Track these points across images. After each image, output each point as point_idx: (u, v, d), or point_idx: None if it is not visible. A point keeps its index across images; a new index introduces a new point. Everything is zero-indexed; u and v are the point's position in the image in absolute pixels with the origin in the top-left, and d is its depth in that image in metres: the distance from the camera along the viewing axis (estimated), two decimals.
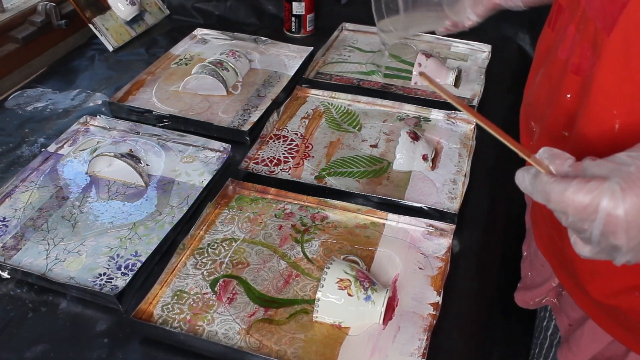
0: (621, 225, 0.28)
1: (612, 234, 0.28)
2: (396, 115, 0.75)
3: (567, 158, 0.31)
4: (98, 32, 0.89)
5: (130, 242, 0.56)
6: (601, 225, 0.28)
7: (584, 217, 0.29)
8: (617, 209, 0.28)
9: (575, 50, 0.38)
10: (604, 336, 0.43)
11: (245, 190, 0.63)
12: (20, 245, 0.56)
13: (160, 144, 0.70)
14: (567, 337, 0.48)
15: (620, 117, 0.34)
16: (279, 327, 0.48)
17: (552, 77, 0.42)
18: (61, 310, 0.50)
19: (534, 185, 0.31)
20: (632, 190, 0.27)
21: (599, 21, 0.35)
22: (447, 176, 0.65)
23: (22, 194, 0.62)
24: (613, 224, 0.28)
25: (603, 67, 0.34)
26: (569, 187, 0.29)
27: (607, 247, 0.29)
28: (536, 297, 0.53)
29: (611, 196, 0.28)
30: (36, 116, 0.76)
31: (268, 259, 0.55)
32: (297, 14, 0.93)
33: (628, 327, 0.41)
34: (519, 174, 0.32)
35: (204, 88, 0.78)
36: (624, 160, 0.29)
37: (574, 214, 0.29)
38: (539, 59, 0.47)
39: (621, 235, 0.28)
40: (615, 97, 0.34)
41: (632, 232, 0.28)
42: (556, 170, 0.31)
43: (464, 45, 0.91)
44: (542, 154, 0.31)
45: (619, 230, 0.28)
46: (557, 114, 0.41)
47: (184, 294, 0.51)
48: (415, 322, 0.49)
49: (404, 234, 0.58)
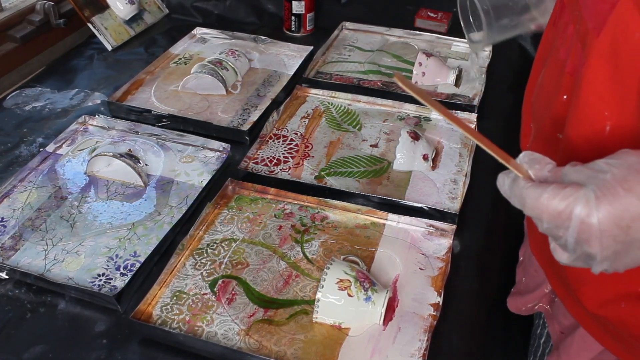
0: (594, 233, 0.28)
1: (585, 242, 0.28)
2: (396, 115, 0.75)
3: (547, 163, 0.30)
4: (97, 31, 0.89)
5: (129, 242, 0.56)
6: (575, 233, 0.28)
7: (559, 223, 0.29)
8: (591, 217, 0.27)
9: (571, 50, 0.38)
10: (595, 345, 0.43)
11: (245, 190, 0.63)
12: (19, 246, 0.55)
13: (159, 143, 0.70)
14: (558, 345, 0.48)
15: (611, 119, 0.34)
16: (278, 328, 0.48)
17: (552, 77, 0.42)
18: (60, 311, 0.50)
19: (512, 189, 0.31)
20: (607, 198, 0.27)
21: (590, 21, 0.34)
22: (447, 176, 0.65)
23: (20, 194, 0.62)
24: (586, 232, 0.28)
25: (592, 68, 0.34)
26: (544, 193, 0.29)
27: (583, 254, 0.29)
28: (528, 303, 0.53)
29: (585, 204, 0.27)
30: (35, 116, 0.75)
31: (268, 260, 0.55)
32: (297, 13, 0.93)
33: (617, 337, 0.40)
34: (500, 177, 0.32)
35: (203, 87, 0.78)
36: (601, 168, 0.28)
37: (549, 220, 0.29)
38: (542, 54, 0.46)
39: (595, 243, 0.28)
40: (605, 98, 0.34)
41: (606, 241, 0.28)
42: (535, 176, 0.30)
43: (465, 45, 0.90)
44: (522, 158, 0.31)
45: (592, 239, 0.28)
46: (554, 116, 0.40)
47: (183, 294, 0.51)
48: (415, 322, 0.49)
49: (404, 234, 0.57)
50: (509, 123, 0.74)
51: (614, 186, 0.27)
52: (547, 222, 0.29)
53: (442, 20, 0.95)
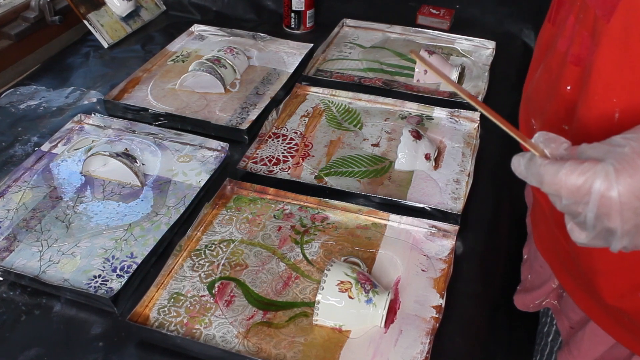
0: (615, 207, 0.27)
1: (606, 216, 0.28)
2: (398, 114, 0.74)
3: (563, 142, 0.31)
4: (93, 29, 0.88)
5: (126, 243, 0.55)
6: (595, 207, 0.28)
7: (578, 199, 0.28)
8: (611, 190, 0.27)
9: (574, 40, 0.38)
10: (606, 339, 0.43)
11: (244, 191, 0.62)
12: (13, 247, 0.55)
13: (156, 142, 0.69)
14: (568, 340, 0.48)
15: (620, 106, 0.34)
16: (277, 331, 0.48)
17: (551, 70, 0.42)
18: (55, 313, 0.50)
19: (528, 168, 0.31)
20: (626, 171, 0.27)
21: (598, 8, 0.35)
22: (450, 176, 0.64)
23: (14, 194, 0.61)
24: (607, 206, 0.28)
25: (602, 54, 0.34)
26: (562, 169, 0.29)
27: (603, 231, 0.29)
28: (536, 300, 0.53)
29: (605, 177, 0.27)
30: (29, 114, 0.74)
31: (267, 261, 0.54)
32: (296, 9, 0.92)
33: (632, 330, 0.40)
34: (515, 159, 0.32)
35: (201, 86, 0.77)
36: (618, 142, 0.28)
37: (568, 196, 0.29)
38: (538, 54, 0.46)
39: (615, 217, 0.28)
40: (614, 85, 0.34)
41: (627, 214, 0.28)
42: (551, 154, 0.31)
43: (467, 42, 0.89)
44: (538, 137, 0.31)
45: (612, 213, 0.28)
46: (557, 108, 0.40)
47: (180, 296, 0.50)
48: (417, 325, 0.48)
49: (406, 235, 0.56)
50: (513, 121, 0.72)
51: (633, 159, 0.27)
52: (565, 198, 0.29)
53: (445, 17, 0.94)
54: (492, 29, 0.92)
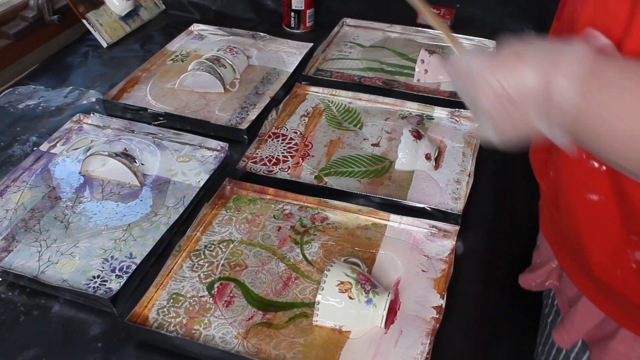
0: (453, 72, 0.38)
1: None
2: (398, 113, 0.74)
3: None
4: (92, 28, 0.87)
5: (125, 243, 0.55)
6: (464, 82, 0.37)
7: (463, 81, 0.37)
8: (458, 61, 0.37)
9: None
10: (597, 313, 0.44)
11: (243, 191, 0.62)
12: (12, 247, 0.54)
13: (155, 142, 0.69)
14: (564, 317, 0.50)
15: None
16: (277, 331, 0.47)
17: None
18: (54, 313, 0.49)
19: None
20: (496, 58, 0.35)
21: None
22: (450, 176, 0.64)
23: (13, 194, 0.61)
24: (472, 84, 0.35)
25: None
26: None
27: (472, 106, 0.37)
28: (538, 278, 0.54)
29: (479, 61, 0.35)
30: (28, 114, 0.74)
31: (266, 261, 0.53)
32: (296, 9, 0.92)
33: (619, 305, 0.41)
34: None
35: (200, 85, 0.77)
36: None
37: (454, 79, 0.37)
38: None
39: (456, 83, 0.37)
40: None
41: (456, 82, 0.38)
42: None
43: (468, 41, 0.89)
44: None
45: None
46: None
47: (180, 297, 0.50)
48: (418, 326, 0.48)
49: (406, 236, 0.56)
50: None
51: (507, 53, 0.35)
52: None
53: (445, 16, 0.94)
54: (492, 29, 0.92)
